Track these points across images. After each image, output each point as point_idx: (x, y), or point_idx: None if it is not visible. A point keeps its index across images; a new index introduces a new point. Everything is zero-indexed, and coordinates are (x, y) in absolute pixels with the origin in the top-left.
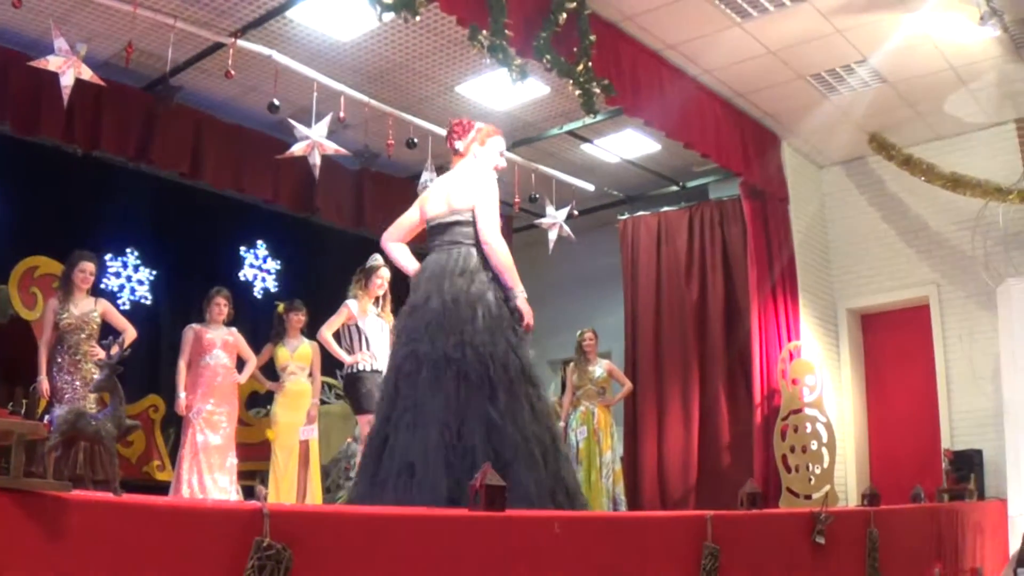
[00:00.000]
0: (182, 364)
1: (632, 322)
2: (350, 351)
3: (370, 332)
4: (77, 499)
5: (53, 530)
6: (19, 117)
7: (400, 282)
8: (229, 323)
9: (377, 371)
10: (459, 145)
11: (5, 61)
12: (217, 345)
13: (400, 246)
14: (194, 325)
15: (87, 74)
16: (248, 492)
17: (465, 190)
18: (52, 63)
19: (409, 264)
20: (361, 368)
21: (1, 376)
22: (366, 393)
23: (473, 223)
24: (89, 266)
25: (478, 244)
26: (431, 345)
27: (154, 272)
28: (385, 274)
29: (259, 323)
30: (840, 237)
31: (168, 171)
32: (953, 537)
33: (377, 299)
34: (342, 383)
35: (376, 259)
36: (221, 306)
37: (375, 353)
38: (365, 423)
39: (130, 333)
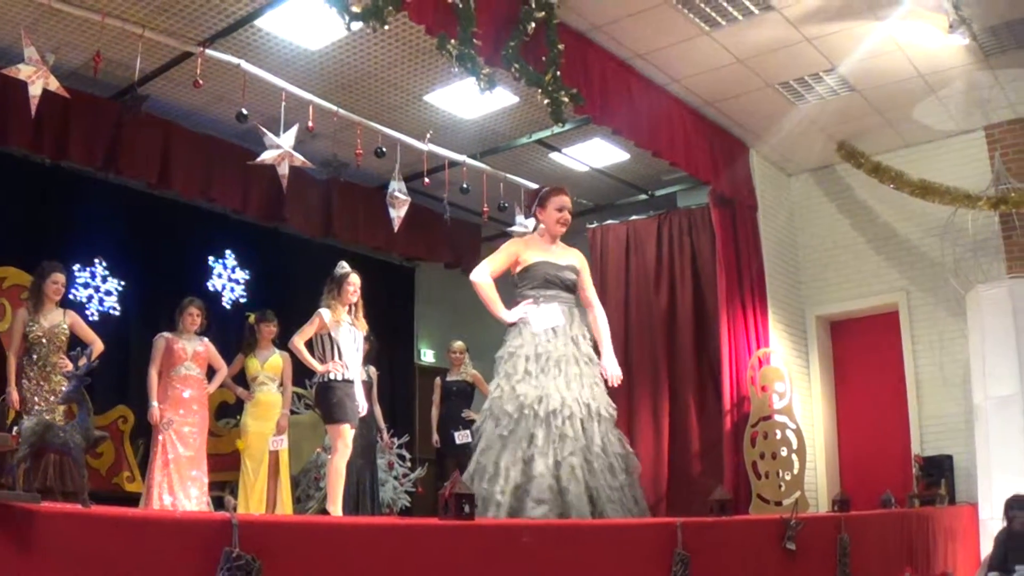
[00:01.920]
0: (153, 373)
1: None
2: (322, 360)
3: (343, 341)
4: (46, 511)
5: (22, 542)
6: None
7: (369, 292)
8: (201, 333)
9: (348, 381)
10: (530, 214)
11: None
12: (188, 355)
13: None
14: (165, 334)
15: (54, 85)
16: (218, 502)
17: None
18: (24, 72)
19: None
20: (332, 378)
21: None
22: (336, 403)
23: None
24: (60, 277)
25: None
26: None
27: (122, 283)
28: (356, 281)
29: (228, 333)
30: (809, 245)
31: (136, 181)
32: (924, 542)
33: (351, 307)
34: (313, 393)
35: (343, 266)
36: (195, 316)
37: (347, 363)
38: (335, 433)
39: (98, 346)
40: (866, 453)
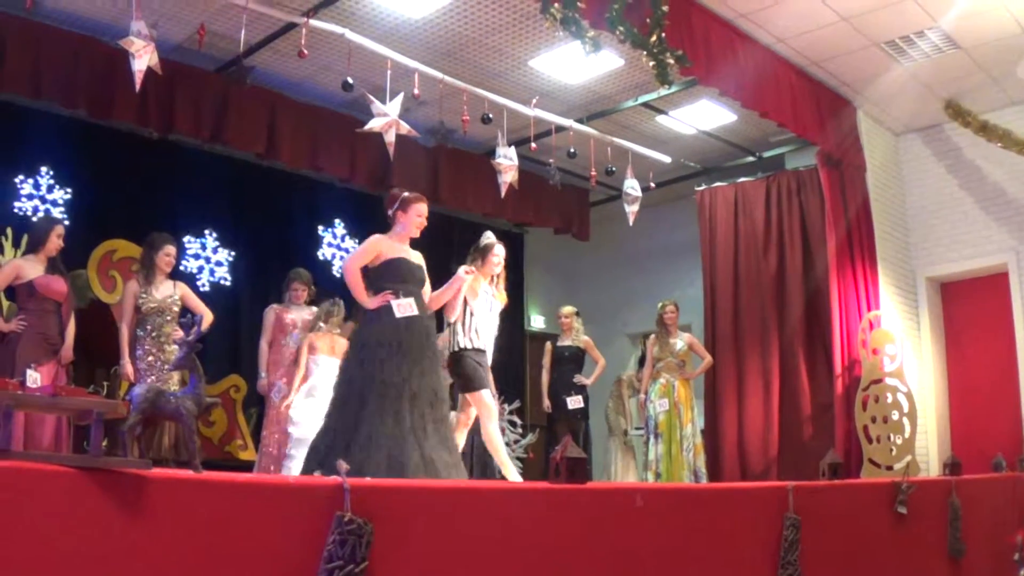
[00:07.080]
0: (264, 345)
1: (711, 294)
2: (461, 327)
3: (478, 310)
4: (157, 476)
5: (134, 508)
6: (93, 102)
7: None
8: (310, 302)
9: (480, 350)
10: (390, 213)
11: (77, 46)
12: (298, 325)
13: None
14: (275, 306)
15: (153, 61)
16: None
17: None
18: (136, 45)
19: None
20: (463, 346)
21: (81, 358)
22: (472, 371)
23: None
24: (172, 249)
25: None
26: None
27: (232, 253)
28: (501, 252)
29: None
30: (918, 205)
31: (243, 152)
32: None
33: (493, 278)
34: (445, 362)
35: (489, 236)
36: (299, 291)
37: (479, 331)
38: (477, 401)
39: (207, 317)
40: (977, 416)
